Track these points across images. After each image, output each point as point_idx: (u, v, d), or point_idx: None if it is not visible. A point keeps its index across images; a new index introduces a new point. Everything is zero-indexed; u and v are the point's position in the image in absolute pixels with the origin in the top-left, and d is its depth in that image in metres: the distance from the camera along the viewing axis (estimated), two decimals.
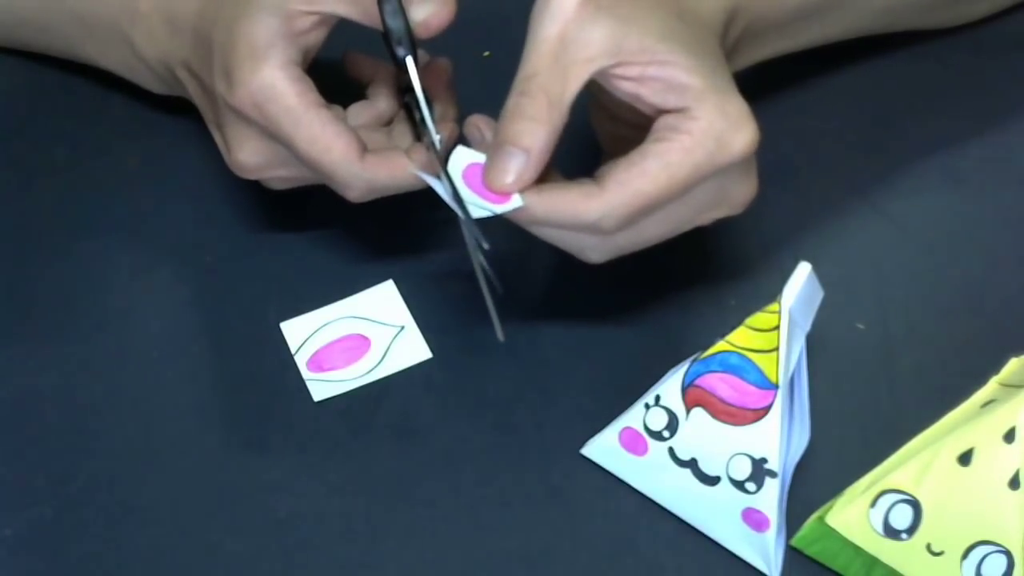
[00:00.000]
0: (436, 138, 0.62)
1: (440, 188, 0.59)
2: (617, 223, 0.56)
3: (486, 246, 0.58)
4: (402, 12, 0.62)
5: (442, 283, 0.69)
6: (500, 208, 0.57)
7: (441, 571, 0.60)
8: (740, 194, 0.59)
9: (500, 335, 0.60)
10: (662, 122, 0.57)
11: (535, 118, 0.56)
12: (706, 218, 0.59)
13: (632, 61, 0.56)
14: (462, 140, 0.60)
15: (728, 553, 0.60)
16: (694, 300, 0.67)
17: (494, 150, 0.57)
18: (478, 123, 0.60)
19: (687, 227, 0.59)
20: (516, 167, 0.56)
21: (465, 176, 0.58)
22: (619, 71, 0.56)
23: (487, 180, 0.57)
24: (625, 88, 0.57)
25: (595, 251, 0.59)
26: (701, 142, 0.56)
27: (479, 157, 0.58)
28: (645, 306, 0.67)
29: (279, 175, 0.65)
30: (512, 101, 0.57)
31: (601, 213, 0.56)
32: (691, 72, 0.56)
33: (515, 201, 0.57)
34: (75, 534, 0.61)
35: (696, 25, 0.59)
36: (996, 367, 0.60)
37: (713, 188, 0.57)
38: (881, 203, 0.72)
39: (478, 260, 0.59)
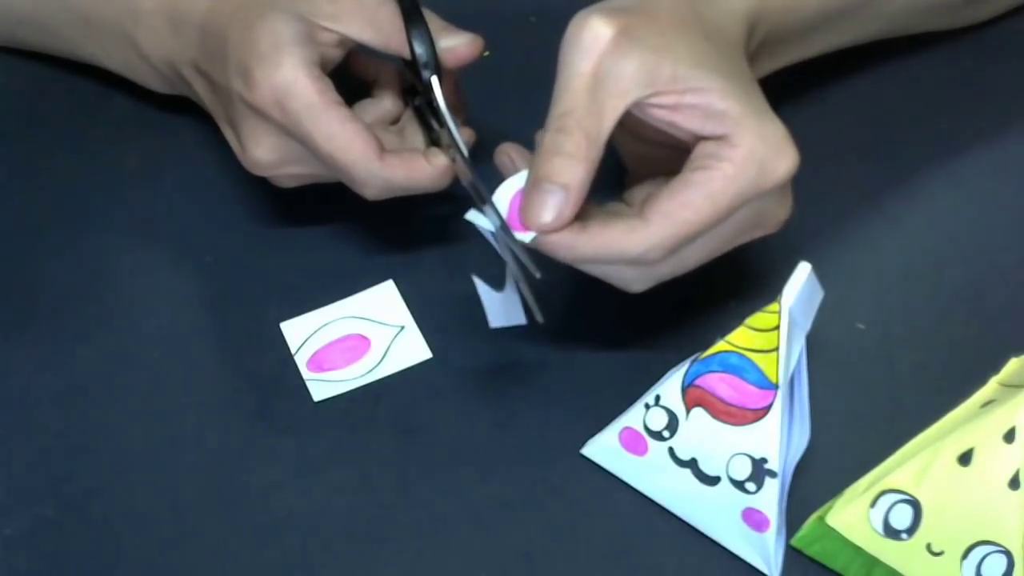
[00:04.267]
0: (466, 152, 0.62)
1: (487, 222, 0.59)
2: (662, 254, 0.56)
3: (538, 275, 0.58)
4: (429, 39, 0.62)
5: (442, 283, 0.69)
6: (518, 236, 0.58)
7: (441, 571, 0.60)
8: (778, 214, 0.59)
9: (539, 317, 0.60)
10: (701, 149, 0.56)
11: (573, 155, 0.56)
12: (743, 239, 0.60)
13: (666, 90, 0.56)
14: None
15: (728, 553, 0.60)
16: (694, 300, 0.67)
17: (531, 187, 0.57)
18: (509, 151, 0.60)
19: (727, 249, 0.59)
20: (555, 204, 0.56)
21: (511, 204, 0.58)
22: (654, 100, 0.56)
23: (524, 217, 0.57)
24: (660, 116, 0.57)
25: (637, 282, 0.59)
26: (744, 169, 0.55)
27: (522, 183, 0.58)
28: (645, 306, 0.67)
29: (292, 172, 0.65)
30: (549, 138, 0.56)
31: (647, 247, 0.56)
32: (727, 97, 0.56)
33: (530, 232, 0.57)
34: (75, 534, 0.61)
35: (724, 45, 0.59)
36: (996, 367, 0.60)
37: (752, 211, 0.58)
38: (881, 203, 0.73)
39: (514, 278, 0.59)
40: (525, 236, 0.57)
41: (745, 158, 0.55)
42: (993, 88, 0.78)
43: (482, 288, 0.59)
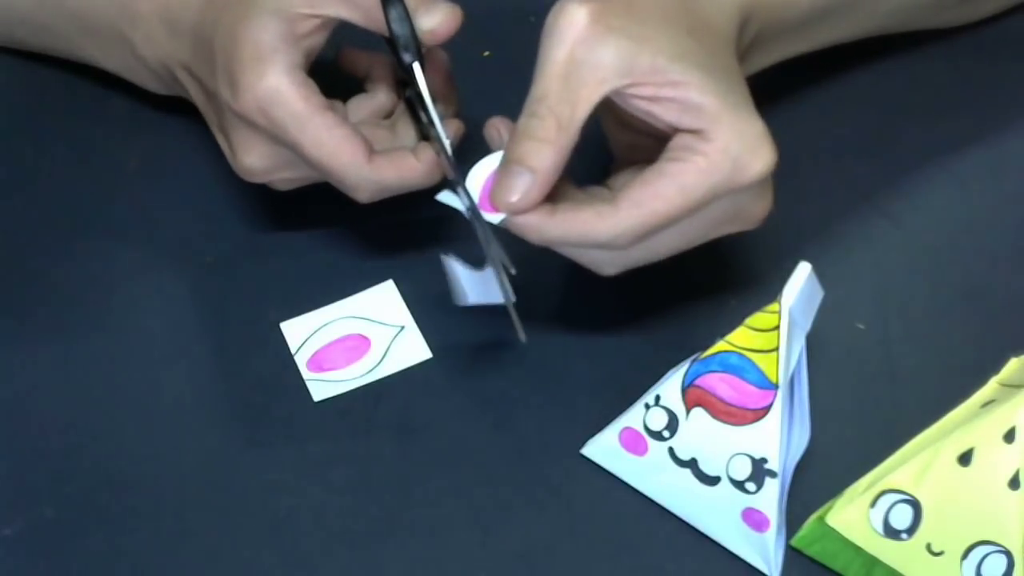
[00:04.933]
0: (448, 145, 0.62)
1: (459, 203, 0.59)
2: (630, 241, 0.57)
3: (513, 271, 0.59)
4: (407, 18, 0.62)
5: (442, 283, 0.68)
6: (487, 216, 0.58)
7: (441, 571, 0.60)
8: (756, 211, 0.59)
9: (522, 336, 0.60)
10: (678, 141, 0.56)
11: (544, 140, 0.56)
12: (720, 232, 0.60)
13: (645, 82, 0.56)
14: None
15: (728, 553, 0.60)
16: (694, 300, 0.67)
17: (502, 168, 0.57)
18: (498, 125, 0.60)
19: (700, 241, 0.59)
20: (522, 186, 0.56)
21: (485, 185, 0.59)
22: (632, 91, 0.56)
23: (493, 197, 0.57)
24: (639, 106, 0.57)
25: (609, 265, 0.60)
26: (718, 164, 0.56)
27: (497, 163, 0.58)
28: (645, 306, 0.67)
29: (285, 177, 0.65)
30: (522, 122, 0.57)
31: (615, 233, 0.56)
32: (705, 92, 0.56)
33: (499, 214, 0.57)
34: (75, 534, 0.61)
35: (710, 39, 0.59)
36: (996, 367, 0.60)
37: (728, 205, 0.58)
38: (881, 203, 0.72)
39: (494, 260, 0.59)
40: (494, 217, 0.58)
41: (719, 153, 0.56)
42: (993, 87, 0.78)
43: (455, 266, 0.59)
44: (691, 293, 0.68)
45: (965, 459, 0.55)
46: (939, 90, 0.78)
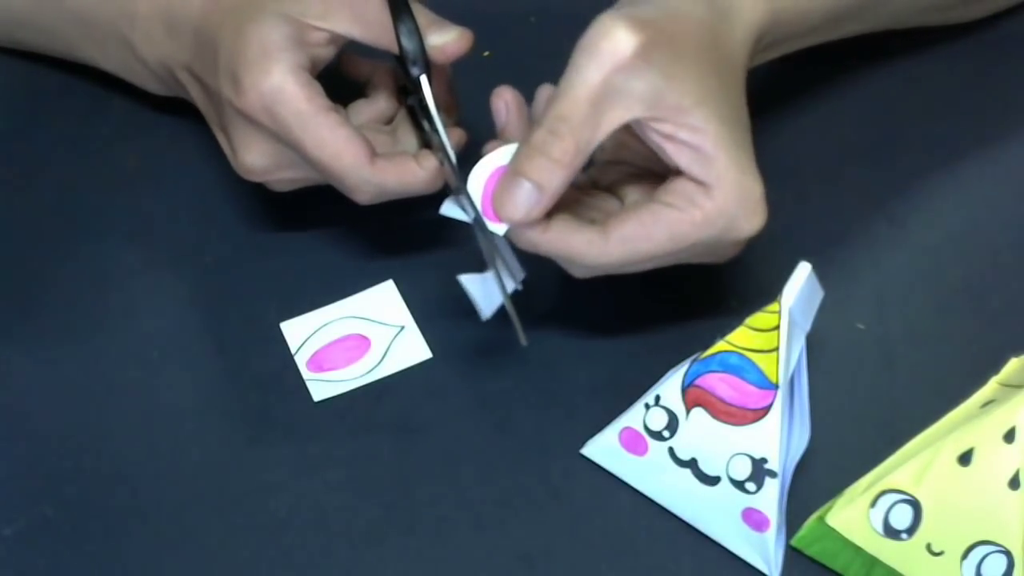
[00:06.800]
0: (453, 156, 0.62)
1: (463, 214, 0.60)
2: (613, 268, 0.58)
3: (519, 287, 0.59)
4: (417, 34, 0.62)
5: (442, 283, 0.68)
6: (490, 226, 0.58)
7: (441, 571, 0.60)
8: (729, 252, 0.60)
9: (523, 339, 0.60)
10: (679, 187, 0.57)
11: (558, 160, 0.56)
12: (691, 261, 0.60)
13: (667, 118, 0.56)
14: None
15: (728, 553, 0.60)
16: (694, 300, 0.67)
17: (508, 178, 0.57)
18: (505, 96, 0.60)
19: (671, 264, 0.60)
20: (528, 202, 0.57)
21: (487, 185, 0.59)
22: (653, 124, 0.56)
23: (495, 204, 0.57)
24: (654, 139, 0.57)
25: (582, 271, 0.60)
26: (713, 221, 0.57)
27: (500, 161, 0.58)
28: (645, 306, 0.67)
29: (285, 177, 0.65)
30: (539, 136, 0.57)
31: (601, 262, 0.58)
32: (719, 145, 0.56)
33: (503, 225, 0.58)
34: (75, 534, 0.61)
35: (730, 76, 0.59)
36: (996, 367, 0.60)
37: (708, 246, 0.59)
38: (881, 203, 0.72)
39: (494, 266, 0.59)
40: (499, 228, 0.58)
41: (717, 213, 0.57)
42: (993, 89, 0.78)
43: (470, 284, 0.59)
44: (691, 293, 0.68)
45: (965, 459, 0.55)
46: (939, 91, 0.78)
